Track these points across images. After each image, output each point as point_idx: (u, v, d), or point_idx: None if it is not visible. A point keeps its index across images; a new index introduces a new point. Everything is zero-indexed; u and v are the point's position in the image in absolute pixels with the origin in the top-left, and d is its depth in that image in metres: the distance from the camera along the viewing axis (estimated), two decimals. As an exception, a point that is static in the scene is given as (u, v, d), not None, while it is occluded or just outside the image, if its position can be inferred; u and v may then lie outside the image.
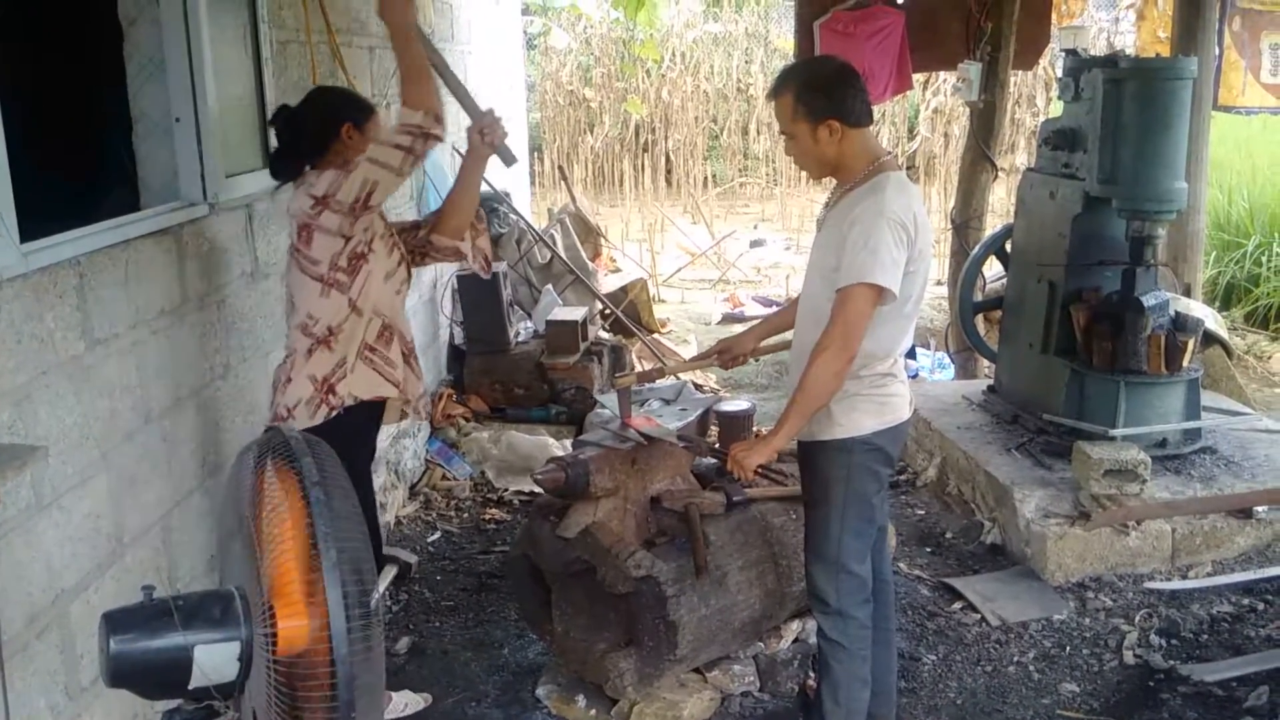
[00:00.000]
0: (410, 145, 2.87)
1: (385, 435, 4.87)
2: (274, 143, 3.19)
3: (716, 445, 3.58)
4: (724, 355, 3.33)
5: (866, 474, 2.90)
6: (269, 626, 1.77)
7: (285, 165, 3.12)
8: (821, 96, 2.79)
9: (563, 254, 6.68)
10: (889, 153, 2.90)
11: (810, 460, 2.97)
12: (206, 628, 1.82)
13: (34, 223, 2.36)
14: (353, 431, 3.09)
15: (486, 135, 3.09)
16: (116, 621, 1.81)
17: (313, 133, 3.06)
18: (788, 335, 3.29)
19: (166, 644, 1.80)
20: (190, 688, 1.82)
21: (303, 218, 2.95)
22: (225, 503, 2.07)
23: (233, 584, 1.93)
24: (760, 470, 2.99)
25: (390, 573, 4.23)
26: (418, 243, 3.27)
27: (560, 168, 11.51)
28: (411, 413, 3.29)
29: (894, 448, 2.97)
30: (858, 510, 2.92)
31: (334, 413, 3.02)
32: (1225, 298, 8.10)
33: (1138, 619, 3.82)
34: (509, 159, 3.21)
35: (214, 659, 1.81)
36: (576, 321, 5.92)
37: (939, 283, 8.29)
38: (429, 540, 4.68)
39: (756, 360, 3.56)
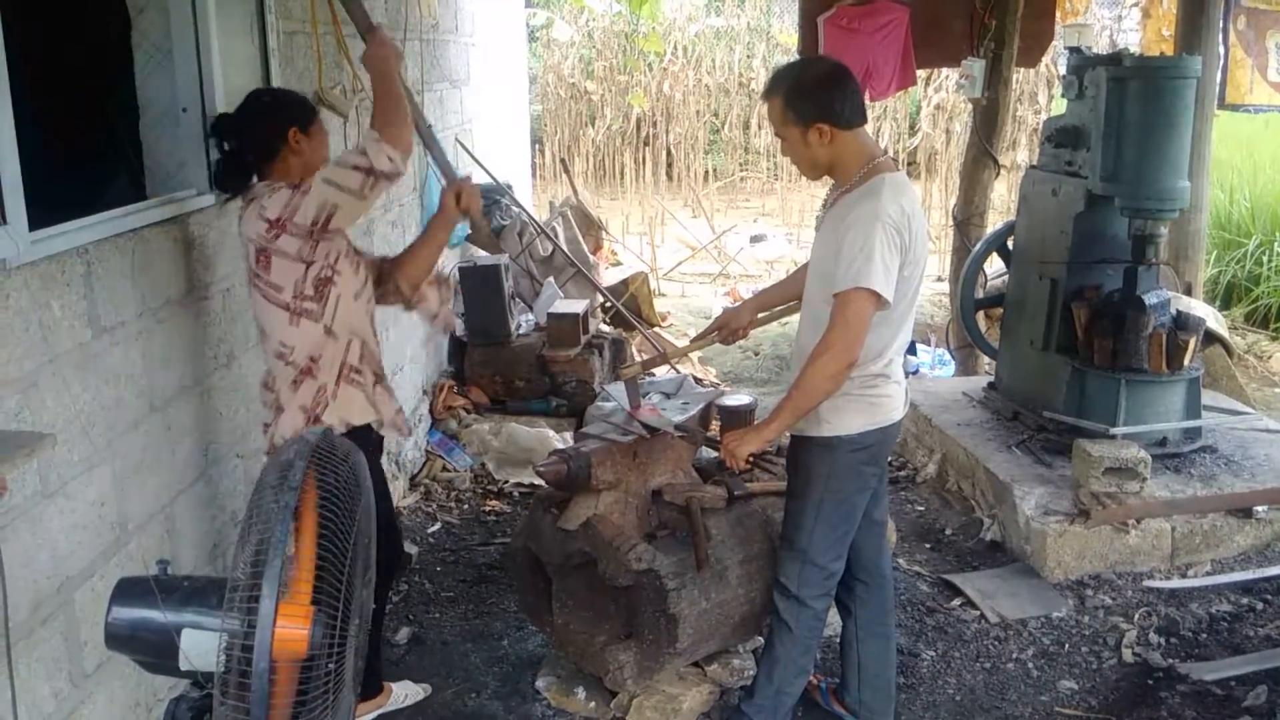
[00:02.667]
0: (375, 170, 2.74)
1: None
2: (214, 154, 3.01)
3: (714, 435, 3.58)
4: (723, 331, 3.32)
5: (849, 473, 2.92)
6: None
7: (231, 177, 2.93)
8: (810, 100, 2.78)
9: (564, 247, 6.68)
10: (884, 152, 2.89)
11: (796, 454, 3.00)
12: (200, 613, 1.82)
13: (38, 210, 2.36)
14: None
15: (463, 202, 3.03)
16: (124, 590, 1.83)
17: (258, 140, 2.87)
18: (785, 306, 3.30)
19: (157, 621, 1.81)
20: (181, 669, 1.82)
21: (259, 241, 2.77)
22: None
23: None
24: (752, 460, 3.01)
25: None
26: (382, 274, 3.15)
27: (561, 160, 11.52)
28: (391, 430, 3.11)
29: (883, 448, 2.97)
30: (834, 508, 2.94)
31: None
32: (1226, 297, 8.11)
33: (1137, 617, 3.84)
34: (484, 230, 3.08)
35: (199, 646, 1.80)
36: (577, 314, 5.93)
37: (939, 279, 8.30)
38: (429, 531, 4.68)
39: (752, 353, 3.55)
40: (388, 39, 2.99)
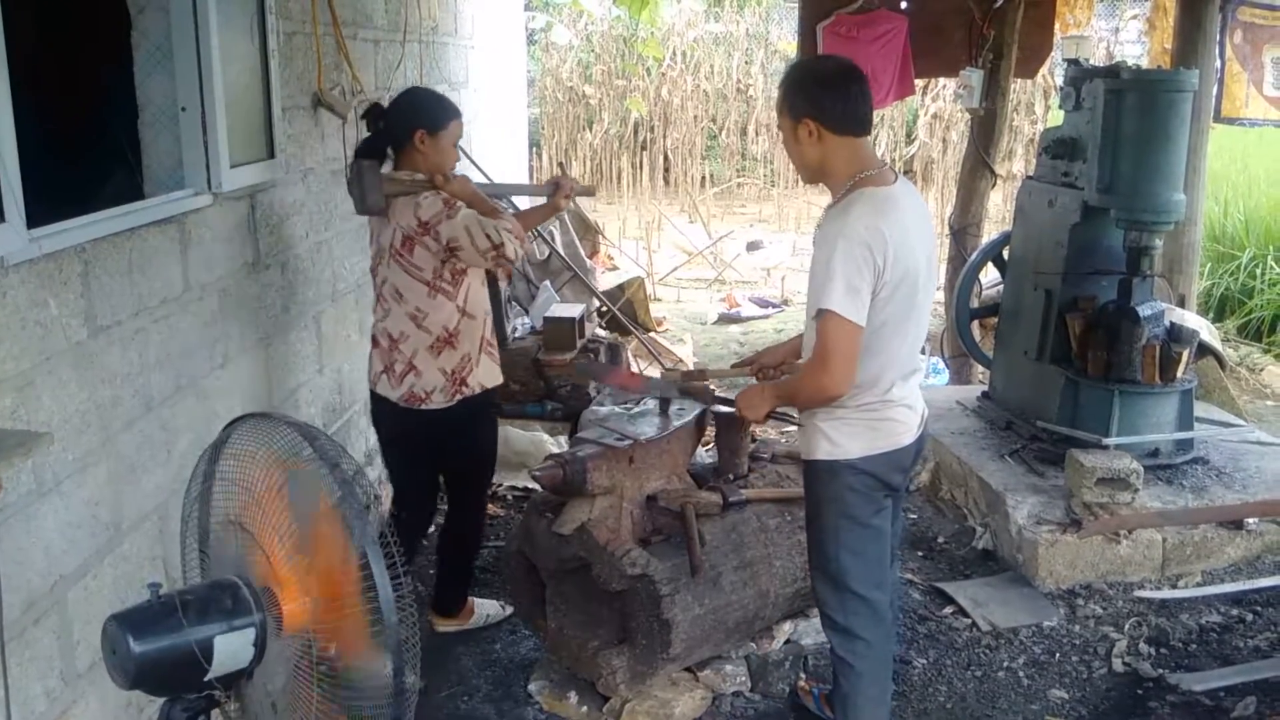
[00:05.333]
0: (502, 254, 3.23)
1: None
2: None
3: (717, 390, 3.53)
4: (755, 365, 3.27)
5: (856, 497, 2.80)
6: (275, 610, 1.87)
7: (367, 152, 3.35)
8: (803, 95, 2.72)
9: (561, 251, 6.68)
10: (882, 164, 2.76)
11: (807, 477, 2.92)
12: (222, 617, 1.88)
13: (36, 207, 2.36)
14: (478, 411, 3.55)
15: (565, 191, 3.65)
16: (133, 623, 1.85)
17: (392, 132, 3.36)
18: None
19: (188, 639, 1.85)
20: (206, 679, 1.87)
21: (408, 231, 3.24)
22: (201, 497, 2.10)
23: (222, 573, 1.99)
24: (771, 415, 2.97)
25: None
26: None
27: (560, 164, 11.51)
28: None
29: (891, 474, 2.83)
30: (851, 531, 2.83)
31: (460, 398, 3.44)
32: (1219, 309, 8.13)
33: (1127, 627, 3.85)
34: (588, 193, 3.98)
35: (231, 646, 1.88)
36: (574, 318, 5.91)
37: (935, 288, 8.30)
38: (423, 534, 4.67)
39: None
40: (449, 182, 3.36)
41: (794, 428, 3.51)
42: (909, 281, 2.68)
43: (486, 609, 3.89)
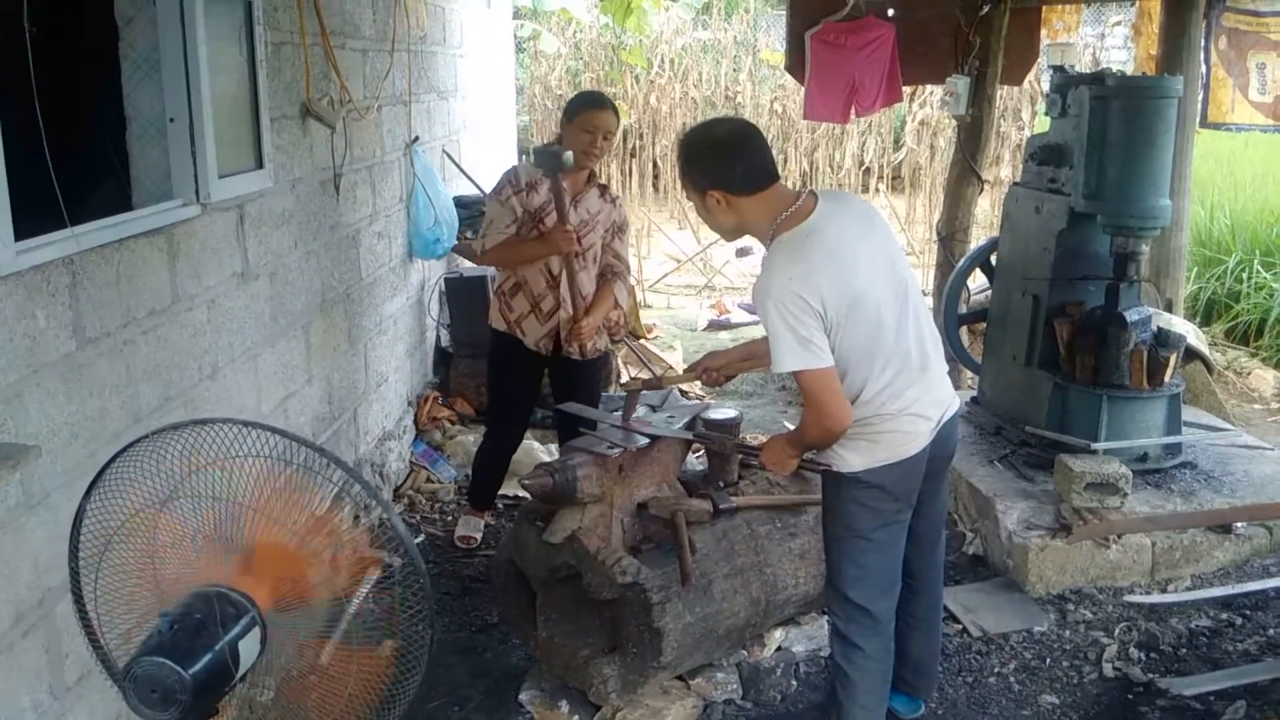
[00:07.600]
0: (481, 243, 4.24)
1: (372, 436, 4.87)
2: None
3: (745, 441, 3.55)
4: (698, 370, 3.31)
5: (858, 508, 2.83)
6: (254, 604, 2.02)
7: None
8: (701, 168, 2.75)
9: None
10: (797, 196, 2.74)
11: (822, 486, 2.99)
12: (232, 623, 1.97)
13: (23, 220, 2.35)
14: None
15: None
16: (171, 653, 1.89)
17: None
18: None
19: (222, 652, 1.94)
20: (230, 684, 1.97)
21: None
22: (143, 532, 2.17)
23: (184, 589, 2.06)
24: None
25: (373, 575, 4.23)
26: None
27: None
28: (531, 344, 4.27)
29: (899, 484, 2.83)
30: (854, 544, 2.87)
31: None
32: (1206, 314, 8.16)
33: (1117, 632, 3.86)
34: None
35: (248, 647, 1.99)
36: (563, 326, 5.91)
37: (923, 293, 8.33)
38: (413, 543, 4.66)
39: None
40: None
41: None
42: (861, 301, 2.68)
43: (472, 527, 4.66)
